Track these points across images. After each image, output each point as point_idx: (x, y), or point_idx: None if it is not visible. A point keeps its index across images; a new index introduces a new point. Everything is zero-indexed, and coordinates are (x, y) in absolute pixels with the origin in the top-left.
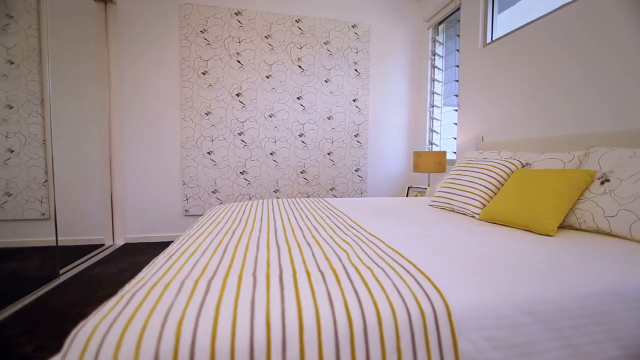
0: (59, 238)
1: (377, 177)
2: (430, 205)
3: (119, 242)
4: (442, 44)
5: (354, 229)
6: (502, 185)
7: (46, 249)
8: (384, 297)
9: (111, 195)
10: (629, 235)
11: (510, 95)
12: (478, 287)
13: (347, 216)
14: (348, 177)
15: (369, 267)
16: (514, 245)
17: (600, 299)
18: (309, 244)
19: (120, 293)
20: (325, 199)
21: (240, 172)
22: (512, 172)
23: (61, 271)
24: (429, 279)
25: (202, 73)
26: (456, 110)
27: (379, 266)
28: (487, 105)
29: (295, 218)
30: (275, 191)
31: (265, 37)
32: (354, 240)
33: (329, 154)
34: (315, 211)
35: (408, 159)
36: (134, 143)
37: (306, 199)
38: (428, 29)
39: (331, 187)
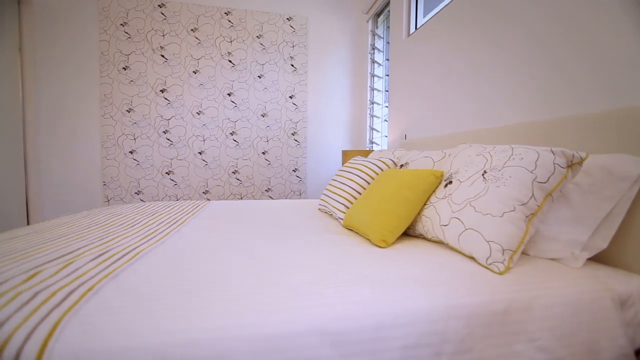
0: None
1: (317, 177)
2: (318, 209)
3: None
4: (382, 38)
5: (155, 237)
6: None
7: None
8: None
9: (26, 196)
10: (458, 247)
11: (431, 90)
12: (101, 328)
13: (185, 222)
14: (285, 177)
15: (53, 290)
16: (303, 261)
17: (299, 340)
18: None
19: None
20: (212, 201)
21: (166, 173)
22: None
23: None
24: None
25: (123, 68)
26: (387, 107)
27: (67, 288)
28: (411, 101)
29: (121, 225)
30: (205, 192)
31: (192, 30)
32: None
33: (263, 153)
34: (168, 215)
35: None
36: (50, 141)
37: (186, 201)
38: (367, 21)
39: (267, 189)
